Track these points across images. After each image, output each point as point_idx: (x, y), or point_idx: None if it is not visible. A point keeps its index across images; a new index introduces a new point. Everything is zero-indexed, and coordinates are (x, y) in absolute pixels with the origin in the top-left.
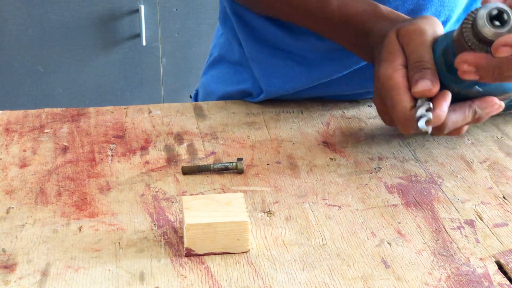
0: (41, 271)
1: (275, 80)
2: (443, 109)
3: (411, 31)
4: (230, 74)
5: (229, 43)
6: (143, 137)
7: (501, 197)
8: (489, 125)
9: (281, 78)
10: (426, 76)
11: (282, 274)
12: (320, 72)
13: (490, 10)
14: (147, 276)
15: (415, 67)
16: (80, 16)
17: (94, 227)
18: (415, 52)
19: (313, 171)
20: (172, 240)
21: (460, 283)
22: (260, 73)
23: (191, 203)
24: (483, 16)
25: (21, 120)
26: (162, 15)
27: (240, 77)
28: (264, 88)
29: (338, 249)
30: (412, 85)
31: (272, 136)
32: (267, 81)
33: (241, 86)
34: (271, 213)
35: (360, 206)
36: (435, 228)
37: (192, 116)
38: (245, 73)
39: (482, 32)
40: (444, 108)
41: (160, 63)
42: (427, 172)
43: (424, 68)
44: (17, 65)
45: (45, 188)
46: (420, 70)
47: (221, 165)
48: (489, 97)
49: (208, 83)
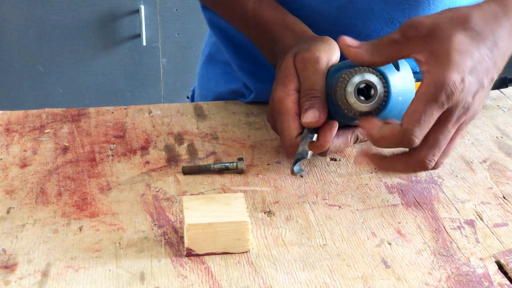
0: (42, 271)
1: (262, 83)
2: (327, 140)
3: (306, 59)
4: (221, 74)
5: (217, 44)
6: (143, 137)
7: (501, 197)
8: (489, 125)
9: (268, 81)
10: (315, 105)
11: (283, 274)
12: None
13: (358, 83)
14: (147, 276)
15: (306, 95)
16: (80, 16)
17: (94, 227)
18: (308, 80)
19: (313, 171)
20: (172, 240)
21: (460, 283)
22: (245, 78)
23: (192, 203)
24: (351, 91)
25: (22, 120)
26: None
27: (230, 77)
28: (253, 91)
29: (338, 249)
30: (301, 113)
31: (272, 136)
32: (255, 84)
33: (233, 85)
34: (271, 213)
35: (360, 206)
36: (435, 228)
37: (193, 116)
38: (234, 73)
39: (350, 103)
40: (329, 138)
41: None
42: (427, 172)
43: (314, 97)
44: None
45: (45, 188)
46: (309, 99)
47: (221, 165)
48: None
49: (202, 83)
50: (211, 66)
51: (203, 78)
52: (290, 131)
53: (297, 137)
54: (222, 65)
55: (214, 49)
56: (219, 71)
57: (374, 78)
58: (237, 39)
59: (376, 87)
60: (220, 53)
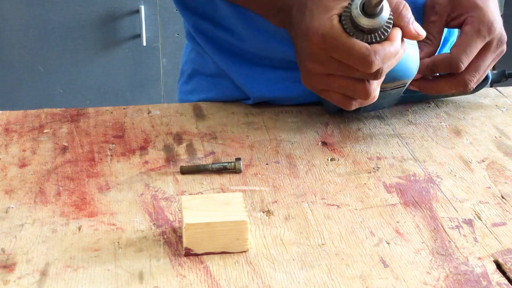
0: (40, 271)
1: (258, 86)
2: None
3: None
4: (209, 85)
5: (201, 56)
6: (142, 137)
7: (499, 196)
8: (487, 125)
9: (264, 83)
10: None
11: (281, 274)
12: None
13: (362, 0)
14: (146, 276)
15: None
16: (80, 16)
17: (93, 226)
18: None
19: (311, 171)
20: (171, 240)
21: (458, 283)
22: (241, 81)
23: (190, 203)
24: (357, 6)
25: (21, 120)
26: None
27: (220, 87)
28: (250, 95)
29: (336, 249)
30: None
31: (271, 136)
32: (251, 88)
33: (224, 94)
34: (270, 213)
35: (359, 205)
36: (433, 228)
37: (191, 116)
38: (225, 82)
39: (358, 22)
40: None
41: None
42: (425, 171)
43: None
44: (17, 65)
45: (44, 188)
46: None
47: (219, 165)
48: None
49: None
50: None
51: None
52: (359, 43)
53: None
54: (209, 77)
55: (198, 64)
56: (206, 83)
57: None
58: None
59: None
60: (205, 66)
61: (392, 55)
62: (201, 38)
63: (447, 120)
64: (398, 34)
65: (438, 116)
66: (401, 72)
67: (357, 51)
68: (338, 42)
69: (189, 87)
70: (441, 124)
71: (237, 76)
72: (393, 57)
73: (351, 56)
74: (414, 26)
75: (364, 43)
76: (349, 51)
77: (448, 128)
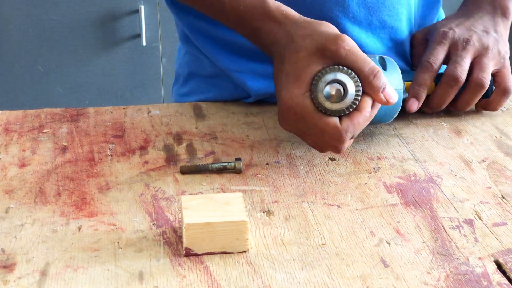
0: (40, 271)
1: (259, 82)
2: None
3: (349, 43)
4: (207, 86)
5: (197, 59)
6: (142, 137)
7: (500, 196)
8: (488, 125)
9: (264, 79)
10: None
11: (281, 274)
12: None
13: (330, 81)
14: (146, 276)
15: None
16: (80, 16)
17: (93, 226)
18: (364, 60)
19: (312, 171)
20: (171, 240)
21: (459, 283)
22: (242, 79)
23: (190, 203)
24: (322, 90)
25: (21, 120)
26: (162, 15)
27: (219, 87)
28: (251, 92)
29: (337, 249)
30: (377, 93)
31: (271, 136)
32: (251, 84)
33: (223, 94)
34: (270, 213)
35: (359, 205)
36: (434, 228)
37: (191, 116)
38: (223, 82)
39: (324, 106)
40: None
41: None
42: (426, 171)
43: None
44: (17, 65)
45: (44, 188)
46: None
47: (219, 165)
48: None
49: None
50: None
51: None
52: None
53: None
54: (206, 78)
55: (194, 66)
56: (203, 84)
57: (344, 77)
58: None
59: (346, 86)
60: (201, 68)
61: (362, 125)
62: (199, 37)
63: (448, 120)
64: (368, 104)
65: (439, 116)
66: (379, 118)
67: (328, 131)
68: (309, 121)
69: (186, 90)
70: (441, 124)
71: (237, 74)
72: (363, 125)
73: (323, 133)
74: (385, 93)
75: (335, 122)
76: (321, 130)
77: (448, 128)
